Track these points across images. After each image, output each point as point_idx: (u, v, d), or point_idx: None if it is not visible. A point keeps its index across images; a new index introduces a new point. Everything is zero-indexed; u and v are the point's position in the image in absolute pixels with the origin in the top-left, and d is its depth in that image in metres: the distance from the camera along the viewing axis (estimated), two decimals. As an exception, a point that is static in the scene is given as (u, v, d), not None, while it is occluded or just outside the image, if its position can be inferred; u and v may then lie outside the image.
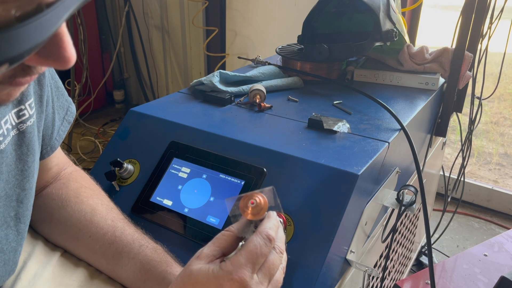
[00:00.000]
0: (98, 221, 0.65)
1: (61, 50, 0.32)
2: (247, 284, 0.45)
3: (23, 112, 0.55)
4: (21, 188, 0.57)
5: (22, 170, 0.56)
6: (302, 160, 0.73)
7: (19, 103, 0.54)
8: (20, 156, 0.56)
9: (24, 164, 0.56)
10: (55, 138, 0.66)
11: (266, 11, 2.13)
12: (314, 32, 1.20)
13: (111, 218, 0.66)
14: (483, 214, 1.92)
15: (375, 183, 0.78)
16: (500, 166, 2.39)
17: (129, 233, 0.64)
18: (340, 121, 0.85)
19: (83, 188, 0.69)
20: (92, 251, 0.64)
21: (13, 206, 0.56)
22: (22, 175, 0.56)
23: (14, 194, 0.56)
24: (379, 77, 1.17)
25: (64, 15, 0.29)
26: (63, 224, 0.66)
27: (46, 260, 0.65)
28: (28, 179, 0.57)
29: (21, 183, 0.56)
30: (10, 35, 0.27)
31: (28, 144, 0.56)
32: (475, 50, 1.25)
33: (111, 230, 0.64)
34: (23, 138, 0.56)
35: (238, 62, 2.25)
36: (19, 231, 0.57)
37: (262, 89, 0.96)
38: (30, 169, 0.57)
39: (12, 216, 0.56)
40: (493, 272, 0.98)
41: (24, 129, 0.56)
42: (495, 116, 3.12)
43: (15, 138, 0.55)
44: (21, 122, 0.55)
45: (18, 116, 0.55)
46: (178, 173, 0.79)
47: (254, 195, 0.49)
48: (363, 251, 0.80)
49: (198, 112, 0.92)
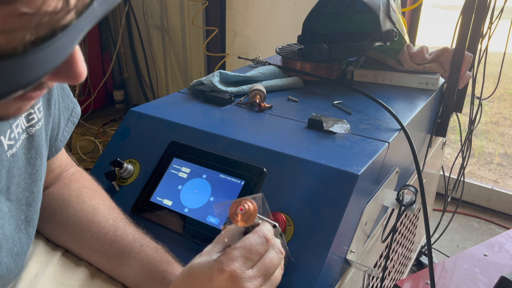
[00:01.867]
0: (100, 220, 0.65)
1: (73, 67, 0.32)
2: (236, 276, 0.45)
3: (32, 116, 0.55)
4: (30, 192, 0.57)
5: (31, 173, 0.57)
6: (302, 160, 0.73)
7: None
8: (29, 160, 0.56)
9: (33, 168, 0.57)
10: (59, 139, 0.66)
11: (266, 11, 2.13)
12: (314, 32, 1.20)
13: (113, 218, 0.66)
14: (483, 214, 1.92)
15: (375, 183, 0.78)
16: (500, 166, 2.39)
17: (130, 232, 0.65)
18: (340, 121, 0.85)
19: (84, 189, 0.69)
20: (93, 251, 0.65)
21: (23, 210, 0.56)
22: (31, 179, 0.57)
23: (24, 197, 0.56)
24: (379, 77, 1.17)
25: (77, 37, 0.29)
26: (65, 224, 0.66)
27: (47, 259, 0.65)
28: (36, 182, 0.58)
29: (30, 187, 0.57)
30: (25, 62, 0.27)
31: (36, 148, 0.57)
32: (475, 50, 1.25)
33: (113, 229, 0.64)
34: (32, 141, 0.56)
35: (238, 62, 2.25)
36: (29, 235, 0.58)
37: (262, 89, 0.96)
38: (39, 172, 0.58)
39: (23, 220, 0.56)
40: (493, 272, 0.98)
41: (33, 132, 0.56)
42: (495, 116, 3.12)
43: (24, 142, 0.55)
44: (31, 126, 0.55)
45: (28, 120, 0.55)
46: (178, 173, 0.79)
47: (243, 202, 0.49)
48: (363, 251, 0.80)
49: (198, 112, 0.92)
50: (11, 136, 0.52)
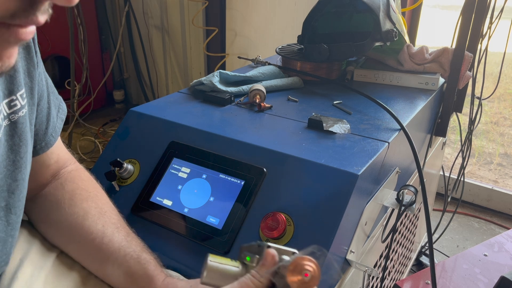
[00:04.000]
0: (89, 225, 0.64)
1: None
2: None
3: (14, 102, 0.55)
4: (13, 179, 0.56)
5: (14, 160, 0.56)
6: (302, 160, 0.73)
7: (10, 93, 0.54)
8: (12, 147, 0.55)
9: (16, 155, 0.56)
10: (50, 134, 0.65)
11: (266, 11, 2.13)
12: (314, 32, 1.20)
13: (102, 223, 0.65)
14: (483, 214, 1.92)
15: (375, 183, 0.78)
16: (500, 166, 2.39)
17: (117, 240, 0.64)
18: (340, 121, 0.85)
19: (78, 190, 0.68)
20: (82, 256, 0.65)
21: (4, 197, 0.55)
22: (14, 166, 0.56)
23: (5, 184, 0.55)
24: (379, 77, 1.17)
25: None
26: (57, 227, 0.66)
27: (43, 259, 0.64)
28: (20, 170, 0.57)
29: (13, 174, 0.56)
30: None
31: (20, 135, 0.56)
32: (475, 50, 1.25)
33: (100, 236, 0.64)
34: (15, 128, 0.55)
35: (238, 62, 2.25)
36: (9, 222, 0.57)
37: (262, 89, 0.96)
38: (23, 159, 0.57)
39: (3, 207, 0.56)
40: (493, 272, 0.98)
41: (16, 119, 0.55)
42: (495, 116, 3.12)
43: (6, 128, 0.54)
44: (13, 112, 0.55)
45: (10, 106, 0.54)
46: (178, 173, 0.79)
47: (304, 263, 0.36)
48: (363, 251, 0.80)
49: (198, 112, 0.92)
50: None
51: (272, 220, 0.67)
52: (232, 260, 0.46)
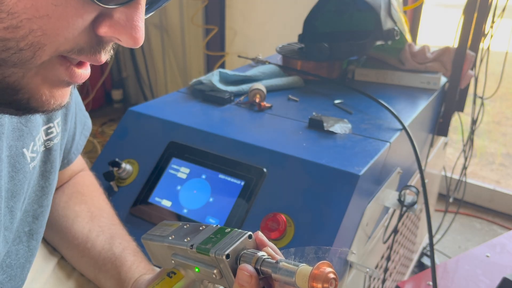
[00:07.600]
0: (76, 230, 0.64)
1: (134, 20, 0.32)
2: None
3: (51, 129, 0.55)
4: (39, 205, 0.56)
5: (43, 186, 0.56)
6: (303, 160, 0.72)
7: (49, 120, 0.55)
8: (44, 173, 0.56)
9: (46, 181, 0.56)
10: (73, 152, 0.66)
11: (266, 9, 2.12)
12: (315, 31, 1.20)
13: (89, 227, 0.65)
14: (485, 214, 1.92)
15: (376, 184, 0.77)
16: (502, 167, 2.38)
17: (99, 244, 0.63)
18: (341, 120, 0.85)
19: (75, 193, 0.68)
20: (72, 260, 0.65)
21: (29, 222, 0.56)
22: (42, 192, 0.56)
23: (31, 210, 0.55)
24: (380, 76, 1.16)
25: None
26: (51, 229, 0.66)
27: (45, 262, 0.65)
28: (47, 196, 0.57)
29: (40, 200, 0.56)
30: None
31: (52, 162, 0.57)
32: (477, 49, 1.24)
33: (84, 241, 0.63)
34: (48, 155, 0.56)
35: (238, 61, 2.24)
36: (30, 248, 0.57)
37: (262, 88, 0.96)
38: (51, 186, 0.57)
39: (26, 232, 0.56)
40: (495, 273, 0.97)
41: (51, 146, 0.56)
42: (497, 115, 3.12)
43: (41, 154, 0.55)
44: (49, 139, 0.55)
45: (47, 133, 0.55)
46: (177, 173, 0.78)
47: (327, 273, 0.35)
48: (364, 252, 0.79)
49: (197, 111, 0.92)
50: (34, 149, 0.52)
51: (272, 221, 0.66)
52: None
